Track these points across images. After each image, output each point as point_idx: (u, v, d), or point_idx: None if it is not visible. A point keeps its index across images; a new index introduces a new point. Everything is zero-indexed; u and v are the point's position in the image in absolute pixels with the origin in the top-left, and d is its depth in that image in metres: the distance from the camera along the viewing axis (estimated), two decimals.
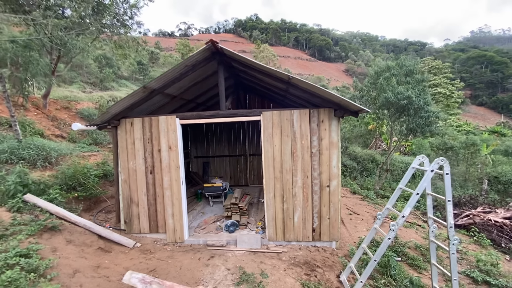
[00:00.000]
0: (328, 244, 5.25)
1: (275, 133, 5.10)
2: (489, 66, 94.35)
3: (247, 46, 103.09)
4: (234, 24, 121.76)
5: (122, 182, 5.41)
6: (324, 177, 5.06)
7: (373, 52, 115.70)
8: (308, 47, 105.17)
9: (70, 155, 7.90)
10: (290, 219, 5.19)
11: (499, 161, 16.64)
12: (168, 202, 5.34)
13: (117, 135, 5.38)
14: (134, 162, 5.36)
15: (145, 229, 5.45)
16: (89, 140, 10.66)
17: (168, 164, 5.29)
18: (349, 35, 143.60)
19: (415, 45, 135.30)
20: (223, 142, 9.93)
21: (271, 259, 4.60)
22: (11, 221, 4.15)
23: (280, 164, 5.13)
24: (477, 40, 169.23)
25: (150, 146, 5.32)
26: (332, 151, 5.02)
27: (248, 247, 5.07)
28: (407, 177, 3.97)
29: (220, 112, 5.21)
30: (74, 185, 6.43)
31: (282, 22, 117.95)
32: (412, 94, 8.25)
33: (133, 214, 5.44)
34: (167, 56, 56.24)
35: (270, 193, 5.20)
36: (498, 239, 7.04)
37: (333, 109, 4.97)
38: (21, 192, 4.92)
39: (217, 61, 5.22)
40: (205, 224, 6.13)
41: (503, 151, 18.25)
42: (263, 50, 67.92)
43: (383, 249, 3.54)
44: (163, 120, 5.25)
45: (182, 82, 5.47)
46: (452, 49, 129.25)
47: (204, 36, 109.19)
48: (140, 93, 4.98)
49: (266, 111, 5.11)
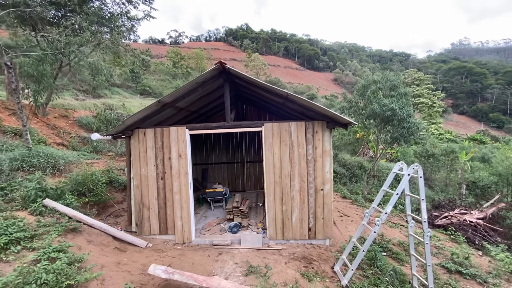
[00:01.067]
0: (322, 241, 5.85)
1: (275, 143, 5.73)
2: (469, 76, 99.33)
3: (238, 54, 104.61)
4: (225, 32, 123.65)
5: (134, 187, 5.87)
6: (318, 182, 5.71)
7: (360, 62, 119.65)
8: (297, 57, 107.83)
9: (76, 162, 8.26)
10: (288, 220, 5.78)
11: (476, 167, 17.85)
12: (177, 206, 5.83)
13: (130, 144, 5.86)
14: (146, 169, 5.84)
15: (155, 230, 5.90)
16: (90, 148, 10.98)
17: (178, 170, 5.81)
18: (337, 45, 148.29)
19: (399, 56, 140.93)
20: (221, 150, 10.48)
21: (273, 255, 5.15)
22: (37, 223, 4.55)
23: (280, 170, 5.75)
24: (457, 51, 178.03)
25: (162, 154, 5.83)
26: (325, 158, 5.69)
27: (251, 246, 5.61)
28: (389, 180, 4.66)
29: (226, 124, 5.80)
30: (84, 191, 6.81)
31: (272, 31, 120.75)
32: (396, 106, 9.11)
33: (144, 217, 5.89)
34: (158, 64, 56.55)
35: (271, 196, 5.78)
36: (472, 237, 7.85)
37: (326, 121, 5.67)
38: (41, 197, 5.30)
39: (223, 78, 5.85)
40: (209, 226, 6.63)
41: (481, 158, 19.56)
42: (254, 59, 69.16)
43: (370, 241, 4.18)
44: (173, 130, 5.79)
45: (190, 96, 6.05)
46: (434, 60, 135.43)
47: (195, 44, 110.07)
48: (154, 107, 5.52)
49: (267, 123, 5.74)
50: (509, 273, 5.47)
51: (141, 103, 25.88)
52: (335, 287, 4.25)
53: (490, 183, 14.35)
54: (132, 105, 23.71)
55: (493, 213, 8.77)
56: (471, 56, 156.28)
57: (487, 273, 5.41)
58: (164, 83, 38.97)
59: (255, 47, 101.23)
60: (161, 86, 35.25)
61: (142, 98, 29.11)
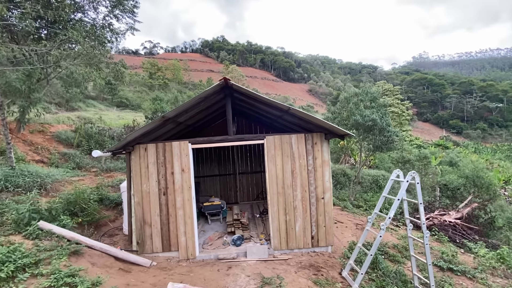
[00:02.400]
0: (324, 249, 6.06)
1: (277, 154, 5.93)
2: (430, 87, 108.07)
3: (215, 66, 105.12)
4: (201, 44, 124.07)
5: (135, 204, 5.71)
6: (319, 191, 5.97)
7: (332, 74, 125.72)
8: (273, 68, 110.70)
9: (63, 181, 7.83)
10: (292, 229, 5.94)
11: (446, 171, 19.38)
12: (181, 221, 5.76)
13: (131, 160, 5.74)
14: (148, 185, 5.73)
15: (158, 248, 5.75)
16: (72, 165, 10.42)
17: (181, 185, 5.77)
18: (310, 58, 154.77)
19: (368, 68, 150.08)
20: (213, 162, 10.47)
21: (281, 265, 5.26)
22: (36, 247, 4.27)
23: (282, 181, 5.93)
24: (418, 64, 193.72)
25: (164, 169, 5.77)
26: (325, 168, 5.99)
27: (257, 257, 5.66)
28: (388, 187, 5.03)
29: (229, 137, 5.92)
30: (76, 211, 6.48)
31: (248, 44, 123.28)
32: (377, 117, 9.79)
33: (146, 234, 5.73)
34: (132, 75, 55.15)
35: (274, 206, 5.92)
36: (453, 236, 8.52)
37: (324, 133, 6.00)
38: (35, 220, 4.99)
39: (224, 93, 6.00)
40: (210, 241, 6.57)
41: (448, 162, 21.25)
42: (231, 70, 70.02)
43: (376, 245, 4.47)
44: (176, 145, 5.78)
45: (192, 111, 6.11)
46: (399, 72, 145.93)
47: (171, 55, 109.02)
48: (157, 122, 5.50)
49: (269, 136, 5.94)
50: (492, 268, 6.04)
51: (119, 116, 25.03)
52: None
53: (459, 185, 15.62)
54: (109, 118, 22.87)
55: (468, 213, 9.61)
56: (430, 68, 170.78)
57: (473, 269, 5.93)
58: (141, 94, 38.00)
59: (232, 59, 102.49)
60: (138, 98, 34.32)
61: (119, 110, 28.14)
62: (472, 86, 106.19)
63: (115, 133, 14.06)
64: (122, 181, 9.45)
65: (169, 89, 51.46)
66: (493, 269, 6.00)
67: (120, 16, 11.83)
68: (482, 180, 14.92)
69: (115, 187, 9.10)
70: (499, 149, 66.10)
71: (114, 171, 10.88)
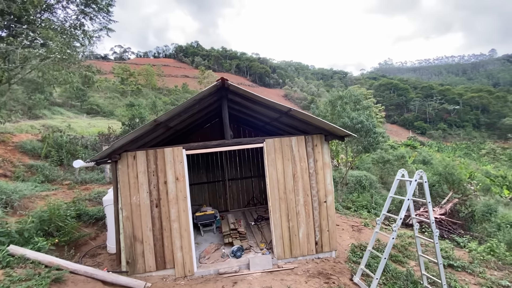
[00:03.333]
0: (329, 254, 5.87)
1: (278, 158, 5.67)
2: (396, 91, 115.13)
3: (190, 71, 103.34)
4: (175, 49, 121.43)
5: (124, 219, 5.10)
6: (321, 194, 5.79)
7: (306, 80, 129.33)
8: (249, 74, 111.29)
9: (32, 196, 6.90)
10: (295, 236, 5.68)
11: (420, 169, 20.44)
12: (176, 235, 5.25)
13: (118, 170, 5.15)
14: (138, 197, 5.17)
15: (151, 267, 5.17)
16: (41, 178, 9.34)
17: (176, 195, 5.28)
18: (284, 64, 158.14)
19: (339, 74, 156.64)
20: (201, 168, 9.94)
21: (289, 276, 4.96)
22: (9, 278, 3.57)
23: (284, 186, 5.67)
24: (384, 70, 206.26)
25: (156, 178, 5.24)
26: (326, 170, 5.83)
27: (261, 269, 5.31)
28: (394, 187, 4.98)
29: (226, 141, 5.55)
30: (51, 230, 5.69)
31: (223, 49, 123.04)
32: (364, 118, 9.97)
33: (137, 252, 5.13)
34: (102, 80, 52.27)
35: (276, 213, 5.63)
36: (441, 232, 8.79)
37: (324, 134, 5.86)
38: (4, 244, 4.23)
39: (219, 95, 5.64)
40: (207, 254, 6.09)
41: (421, 161, 22.47)
42: (207, 76, 69.18)
43: (389, 247, 4.35)
44: (169, 151, 5.30)
45: (183, 115, 5.66)
46: (367, 77, 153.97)
47: (143, 60, 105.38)
48: (147, 126, 4.99)
49: (268, 139, 5.67)
50: (485, 261, 6.24)
51: (90, 123, 23.40)
52: None
53: (434, 182, 16.48)
54: (80, 126, 21.29)
55: (451, 208, 10.04)
56: (395, 74, 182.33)
57: (469, 263, 6.07)
58: (113, 101, 35.97)
59: (207, 64, 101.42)
60: (110, 104, 32.42)
61: (89, 117, 26.28)
62: (432, 90, 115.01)
63: (88, 142, 12.94)
64: (101, 193, 8.62)
65: (143, 94, 49.42)
66: (487, 262, 6.20)
67: (93, 15, 10.99)
68: (453, 177, 15.89)
69: (94, 200, 8.26)
70: (458, 147, 71.93)
71: (90, 183, 9.92)
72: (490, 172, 30.30)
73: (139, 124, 14.16)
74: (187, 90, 70.56)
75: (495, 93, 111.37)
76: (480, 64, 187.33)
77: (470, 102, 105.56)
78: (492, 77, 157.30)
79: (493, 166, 40.81)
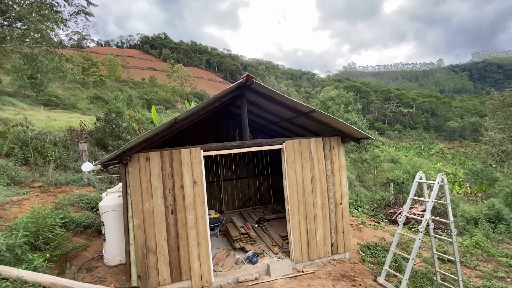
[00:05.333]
0: (343, 255, 5.92)
1: (297, 160, 5.53)
2: (359, 93, 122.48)
3: (157, 64, 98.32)
4: (140, 40, 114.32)
5: (135, 228, 4.54)
6: (337, 196, 5.80)
7: (276, 79, 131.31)
8: (220, 70, 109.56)
9: (3, 203, 5.87)
10: (313, 239, 5.61)
11: (391, 168, 21.95)
12: (194, 243, 4.84)
13: (128, 173, 4.56)
14: (151, 203, 4.64)
15: (165, 280, 4.69)
16: (5, 180, 8.02)
17: (193, 200, 4.86)
18: (255, 62, 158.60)
19: (307, 75, 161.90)
20: None
21: (313, 280, 4.87)
22: None
23: (302, 188, 5.56)
24: (348, 73, 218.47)
25: (171, 182, 4.76)
26: (342, 172, 5.86)
27: (281, 274, 5.15)
28: (414, 189, 5.16)
29: (246, 142, 5.26)
30: (38, 244, 4.87)
31: (192, 43, 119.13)
32: (357, 119, 10.30)
33: (150, 264, 4.61)
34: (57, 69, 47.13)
35: (295, 216, 5.50)
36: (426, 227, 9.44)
37: (340, 136, 5.87)
38: None
39: (240, 93, 5.30)
40: (219, 261, 5.74)
41: (391, 160, 24.15)
42: (177, 69, 66.24)
43: (416, 248, 4.48)
44: (186, 153, 4.84)
45: (204, 113, 5.23)
46: (333, 79, 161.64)
47: (104, 50, 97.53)
48: (165, 125, 4.50)
49: (288, 140, 5.50)
50: (475, 254, 6.84)
51: (49, 116, 20.94)
52: None
53: (404, 180, 17.78)
54: (37, 119, 18.96)
55: None
56: (357, 77, 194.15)
57: (462, 257, 6.59)
58: (74, 92, 32.59)
59: (176, 58, 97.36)
60: (72, 96, 29.33)
61: (48, 110, 23.44)
62: (390, 94, 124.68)
63: (57, 138, 11.49)
64: (83, 197, 7.73)
65: (107, 87, 45.72)
66: (475, 255, 6.80)
67: None
68: None
69: (76, 205, 7.32)
70: (412, 147, 79.14)
71: (66, 185, 8.79)
72: (442, 170, 33.68)
73: (116, 119, 12.97)
74: (155, 84, 67.07)
75: (442, 98, 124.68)
76: (429, 72, 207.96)
77: (422, 106, 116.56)
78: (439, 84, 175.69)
79: (441, 164, 45.63)
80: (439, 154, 58.96)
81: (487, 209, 11.34)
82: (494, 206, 11.17)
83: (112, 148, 11.87)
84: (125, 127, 13.15)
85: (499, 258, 6.76)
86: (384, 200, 12.26)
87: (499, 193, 17.24)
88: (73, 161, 10.58)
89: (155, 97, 42.31)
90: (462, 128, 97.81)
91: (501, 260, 6.60)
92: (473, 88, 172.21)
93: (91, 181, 9.37)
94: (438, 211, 11.21)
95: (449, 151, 72.94)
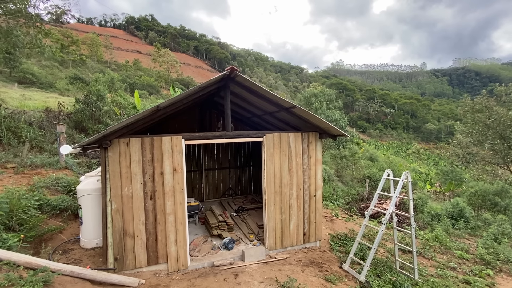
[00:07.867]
0: (314, 244, 6.30)
1: (276, 153, 5.77)
2: (344, 91, 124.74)
3: (142, 47, 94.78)
4: (126, 20, 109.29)
5: (113, 212, 4.62)
6: (312, 188, 6.12)
7: (264, 71, 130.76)
8: (208, 58, 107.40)
9: None
10: (287, 228, 5.93)
11: (368, 165, 22.92)
12: (171, 229, 4.99)
13: (108, 157, 4.59)
14: (130, 188, 4.72)
15: (142, 262, 4.84)
16: None
17: (173, 187, 4.98)
18: (244, 52, 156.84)
19: (296, 69, 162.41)
20: None
21: (284, 265, 5.19)
22: None
23: (280, 180, 5.82)
24: (335, 70, 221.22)
25: (151, 169, 4.84)
26: (318, 166, 6.17)
27: (255, 260, 5.44)
28: (381, 185, 5.56)
29: (227, 133, 5.40)
30: (12, 224, 4.84)
31: (181, 28, 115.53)
32: (338, 116, 10.69)
33: (127, 248, 4.73)
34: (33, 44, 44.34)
35: (271, 206, 5.77)
36: None
37: (318, 132, 6.15)
38: None
39: (224, 84, 5.40)
40: (196, 246, 5.94)
41: (369, 157, 25.17)
42: (163, 54, 64.27)
43: (379, 238, 4.89)
44: (167, 140, 4.93)
45: (187, 101, 5.29)
46: (320, 76, 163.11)
47: (86, 28, 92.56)
48: (147, 112, 4.55)
49: (268, 133, 5.70)
50: (433, 247, 7.48)
51: (24, 95, 19.94)
52: (354, 284, 4.72)
53: (379, 176, 18.67)
54: (11, 97, 18.00)
55: (400, 200, 11.60)
56: (344, 75, 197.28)
57: (421, 249, 7.20)
58: (52, 70, 30.93)
59: (163, 42, 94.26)
60: (49, 74, 27.85)
61: (22, 88, 22.20)
62: (375, 94, 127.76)
63: (33, 119, 11.06)
64: (60, 180, 7.62)
65: (87, 67, 43.71)
66: (434, 248, 7.44)
67: None
68: (395, 173, 18.24)
69: (52, 188, 7.21)
70: (391, 146, 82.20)
71: (41, 167, 8.58)
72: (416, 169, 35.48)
73: (96, 102, 12.62)
74: (140, 67, 64.88)
75: (422, 101, 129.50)
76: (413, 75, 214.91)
77: (403, 107, 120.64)
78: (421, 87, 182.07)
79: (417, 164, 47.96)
80: (415, 154, 61.58)
81: (451, 207, 12.23)
82: (458, 204, 12.09)
83: (92, 132, 11.60)
84: (106, 111, 12.84)
85: (454, 251, 7.44)
86: (359, 195, 12.90)
87: (464, 193, 18.58)
88: (50, 143, 10.27)
89: (139, 82, 41.04)
90: (438, 131, 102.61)
91: (456, 253, 7.27)
92: (452, 92, 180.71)
93: (69, 164, 9.18)
94: (407, 207, 11.98)
95: (425, 152, 76.54)
